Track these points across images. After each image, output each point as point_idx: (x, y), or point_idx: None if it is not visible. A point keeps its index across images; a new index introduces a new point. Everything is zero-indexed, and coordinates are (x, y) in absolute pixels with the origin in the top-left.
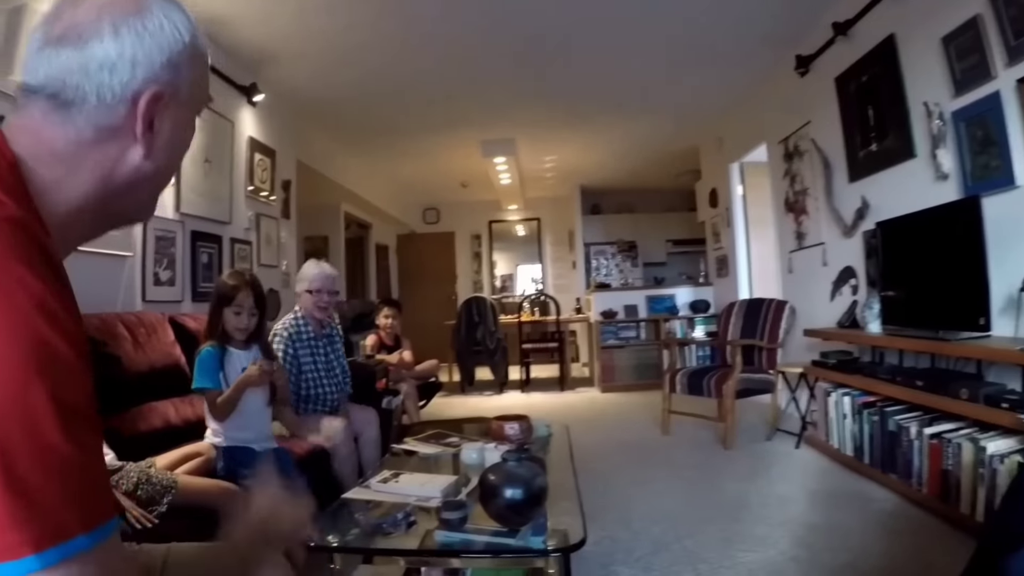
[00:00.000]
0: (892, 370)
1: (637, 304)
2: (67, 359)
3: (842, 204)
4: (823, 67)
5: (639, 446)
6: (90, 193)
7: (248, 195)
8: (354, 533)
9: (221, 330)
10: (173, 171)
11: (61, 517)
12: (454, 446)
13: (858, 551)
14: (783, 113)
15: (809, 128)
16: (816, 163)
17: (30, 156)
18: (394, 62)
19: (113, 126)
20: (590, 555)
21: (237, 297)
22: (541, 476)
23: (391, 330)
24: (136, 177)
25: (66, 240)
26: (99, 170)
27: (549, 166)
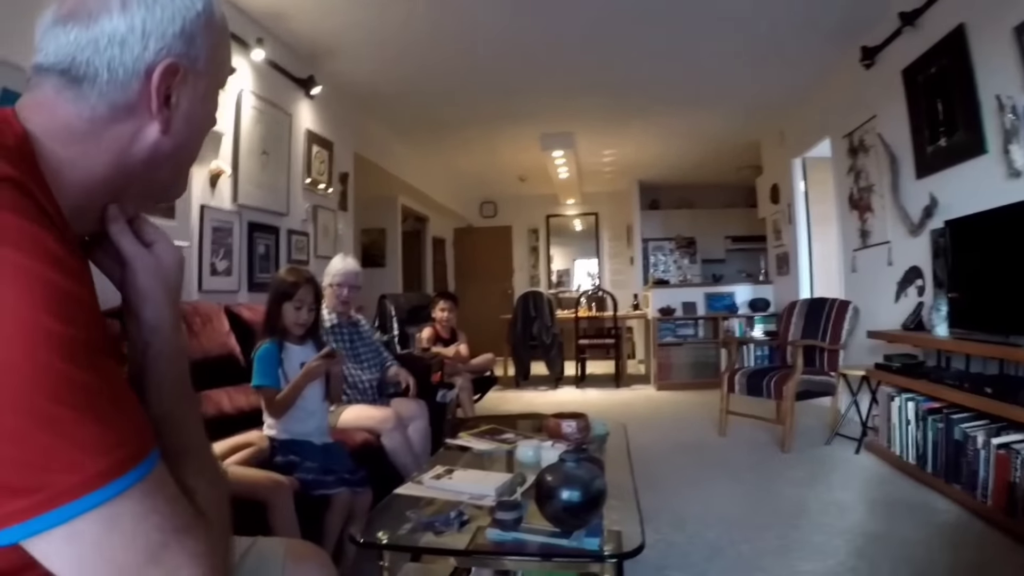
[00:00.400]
0: (959, 376)
1: (695, 301)
2: (79, 298)
3: (909, 201)
4: (889, 59)
5: (695, 446)
6: (107, 172)
7: (305, 187)
8: (405, 530)
9: (280, 327)
10: (197, 147)
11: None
12: (509, 443)
13: (919, 564)
14: (848, 107)
15: (875, 122)
16: (882, 159)
17: (44, 133)
18: (452, 54)
19: (128, 103)
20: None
21: (298, 293)
22: (600, 478)
23: (447, 323)
24: (155, 154)
25: (84, 220)
26: (115, 149)
27: (607, 160)
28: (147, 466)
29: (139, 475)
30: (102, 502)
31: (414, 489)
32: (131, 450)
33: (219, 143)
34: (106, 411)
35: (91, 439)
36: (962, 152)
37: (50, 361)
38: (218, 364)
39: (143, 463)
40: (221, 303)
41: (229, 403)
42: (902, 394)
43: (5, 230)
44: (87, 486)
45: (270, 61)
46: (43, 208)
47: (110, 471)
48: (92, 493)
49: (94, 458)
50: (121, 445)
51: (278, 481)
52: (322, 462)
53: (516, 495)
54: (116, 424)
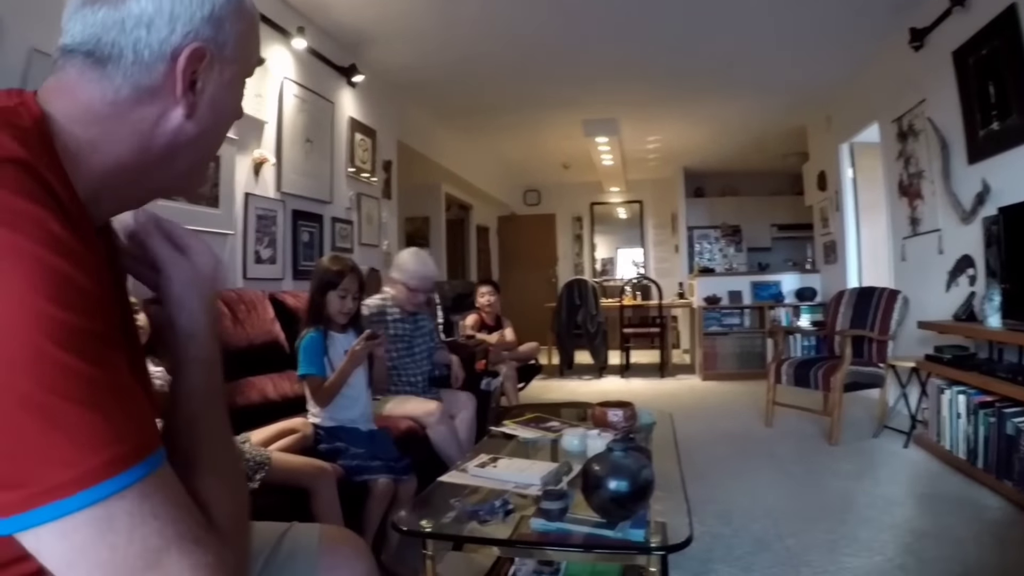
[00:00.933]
0: (1012, 368)
1: (741, 290)
2: (87, 288)
3: (960, 188)
4: (939, 40)
5: (741, 437)
6: (128, 156)
7: (349, 175)
8: (448, 518)
9: (325, 315)
10: (220, 136)
11: (106, 452)
12: (554, 431)
13: (969, 563)
14: (896, 90)
15: (925, 106)
16: (932, 143)
17: (64, 116)
18: (494, 40)
19: (152, 86)
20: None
21: (343, 282)
22: (648, 468)
23: (491, 309)
24: (177, 140)
25: (100, 204)
26: (137, 132)
27: (652, 147)
28: (148, 466)
29: (138, 475)
30: (95, 501)
31: (458, 477)
32: (130, 447)
33: (262, 132)
34: (105, 405)
35: (86, 433)
36: (1016, 136)
37: (45, 347)
38: (262, 351)
39: (143, 462)
40: (265, 291)
41: (273, 390)
42: (952, 387)
43: (5, 211)
44: (79, 483)
45: (311, 50)
46: (52, 191)
47: (105, 468)
48: (85, 491)
49: (89, 453)
50: (119, 441)
51: (321, 468)
52: (367, 448)
53: (562, 484)
54: (115, 419)
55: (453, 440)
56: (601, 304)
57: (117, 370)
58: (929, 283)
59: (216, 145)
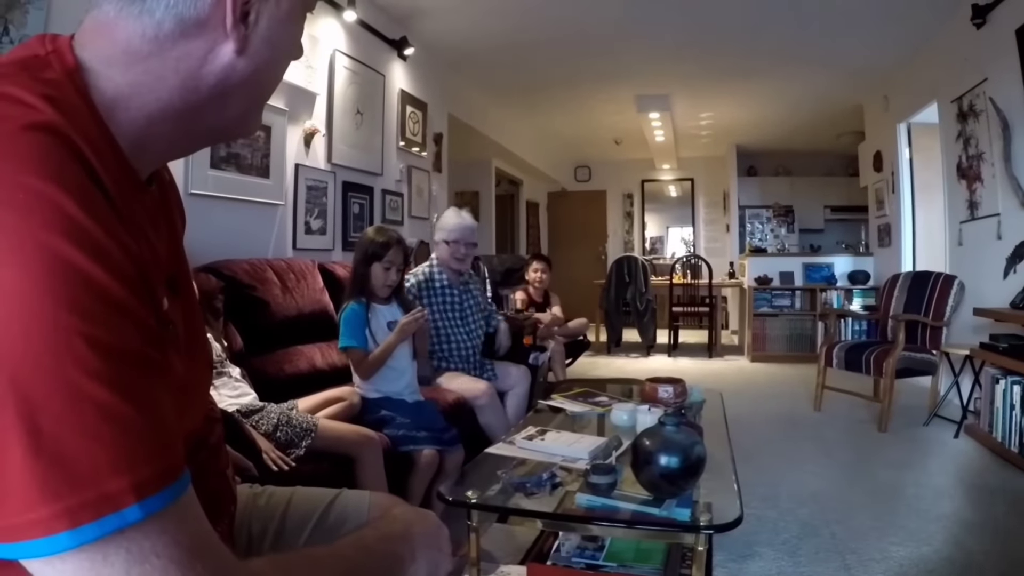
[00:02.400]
0: None
1: (793, 271)
2: (108, 291)
3: (1022, 171)
4: (1002, 18)
5: (789, 420)
6: (174, 98)
7: (399, 148)
8: (493, 490)
9: (368, 287)
10: (278, 76)
11: (104, 485)
12: (603, 406)
13: (1017, 558)
14: (957, 69)
15: (986, 86)
16: (994, 124)
17: (101, 60)
18: (546, 13)
19: (199, 17)
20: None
21: (388, 254)
22: (700, 444)
23: (540, 285)
24: (229, 79)
25: (148, 152)
26: (183, 72)
27: (705, 123)
28: (158, 501)
29: (141, 513)
30: (83, 543)
31: (506, 449)
32: (132, 481)
33: (313, 103)
34: (108, 433)
35: (82, 464)
36: None
37: (46, 361)
38: (312, 320)
39: (152, 497)
40: (315, 261)
41: (322, 359)
42: (1007, 377)
43: (19, 191)
44: (67, 519)
45: (362, 22)
46: (83, 158)
47: (99, 504)
48: (73, 530)
49: (82, 487)
50: (119, 473)
51: (368, 436)
52: (412, 419)
53: (611, 459)
54: (120, 448)
55: (502, 422)
56: (650, 282)
57: (139, 397)
58: (986, 269)
59: (273, 85)
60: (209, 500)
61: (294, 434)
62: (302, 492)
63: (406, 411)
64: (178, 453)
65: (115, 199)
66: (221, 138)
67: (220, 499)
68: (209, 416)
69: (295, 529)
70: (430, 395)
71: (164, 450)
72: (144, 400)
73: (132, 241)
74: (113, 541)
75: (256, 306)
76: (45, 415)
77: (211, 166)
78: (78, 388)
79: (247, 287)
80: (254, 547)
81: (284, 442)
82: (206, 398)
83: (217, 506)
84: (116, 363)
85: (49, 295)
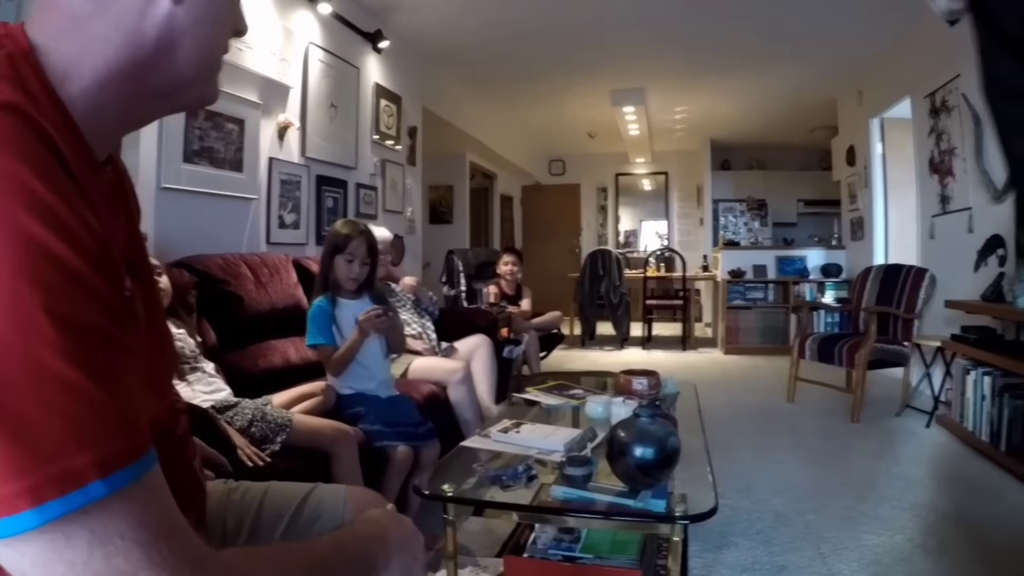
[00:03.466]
0: None
1: (766, 264)
2: (72, 267)
3: (993, 166)
4: None
5: (763, 412)
6: (121, 56)
7: (374, 141)
8: (469, 483)
9: (332, 280)
10: (220, 34)
11: (68, 461)
12: (578, 398)
13: (990, 545)
14: (930, 65)
15: (959, 81)
16: (966, 120)
17: (51, 35)
18: (521, 6)
19: None
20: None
21: (350, 245)
22: (674, 435)
23: (512, 278)
24: (170, 29)
25: (104, 127)
26: (124, 27)
27: (679, 118)
28: (121, 479)
29: (105, 490)
30: (45, 522)
31: (481, 442)
32: (96, 457)
33: (287, 96)
34: (73, 409)
35: (44, 441)
36: None
37: (9, 339)
38: (285, 315)
39: (115, 474)
40: (289, 255)
41: (296, 354)
42: (978, 368)
43: None
44: (29, 498)
45: (336, 15)
46: (45, 135)
47: (62, 481)
48: (35, 509)
49: (43, 463)
50: (82, 449)
51: (343, 431)
52: (386, 415)
53: (586, 451)
54: (83, 425)
55: (472, 403)
56: (624, 275)
57: (104, 374)
58: (957, 262)
59: (217, 45)
60: (177, 491)
61: (269, 429)
62: (277, 487)
63: (380, 407)
64: (143, 431)
65: (77, 177)
66: (177, 104)
67: (189, 491)
68: (174, 407)
69: (270, 524)
70: (404, 389)
71: (128, 427)
72: (108, 377)
73: (95, 220)
74: (76, 520)
75: (230, 301)
76: (7, 390)
77: (184, 160)
78: (41, 364)
79: (221, 282)
80: (228, 542)
81: (259, 437)
82: (170, 387)
83: (186, 498)
84: (80, 339)
85: (14, 270)
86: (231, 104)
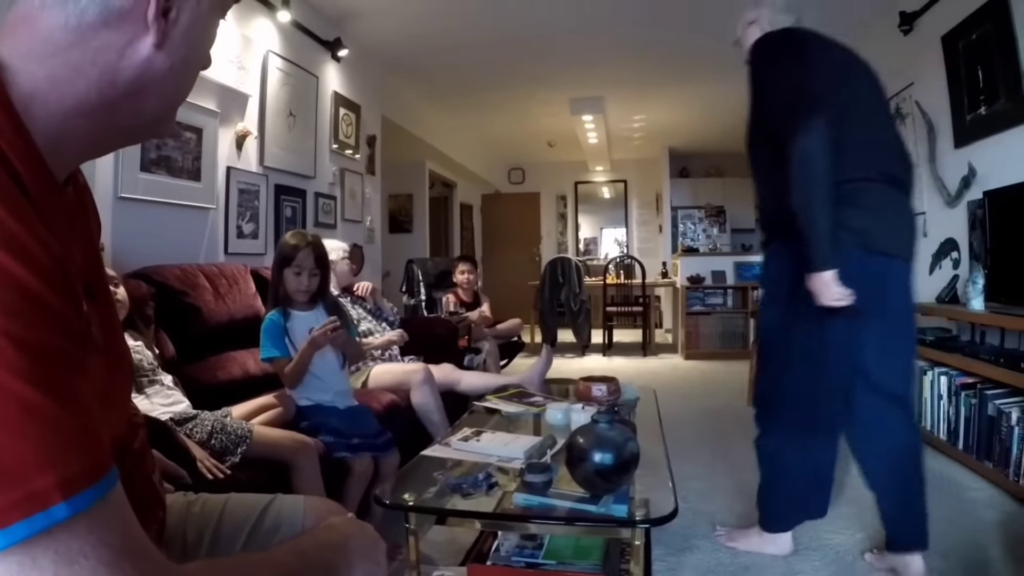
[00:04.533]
0: (994, 351)
1: (725, 270)
2: (30, 289)
3: (946, 171)
4: (928, 25)
5: (723, 416)
6: (91, 92)
7: (333, 150)
8: (431, 492)
9: (283, 293)
10: (191, 78)
11: (31, 483)
12: (537, 406)
13: (950, 543)
14: (884, 73)
15: (912, 90)
16: (919, 127)
17: (20, 55)
18: (480, 15)
19: (122, 7)
20: (670, 527)
21: (297, 257)
22: (633, 441)
23: (468, 285)
24: (146, 73)
25: (64, 151)
26: (101, 63)
27: (637, 126)
28: (85, 499)
29: (69, 511)
30: (10, 544)
31: (441, 451)
32: (58, 479)
33: (245, 105)
34: (34, 430)
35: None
36: (1003, 121)
37: None
38: (244, 326)
39: (78, 495)
40: (247, 265)
41: (255, 365)
42: (934, 368)
43: None
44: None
45: (296, 23)
46: (6, 162)
47: (26, 503)
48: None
49: (9, 487)
50: (43, 471)
51: (303, 442)
52: (345, 426)
53: (546, 458)
54: (45, 446)
55: (437, 404)
56: (584, 283)
57: (65, 395)
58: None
59: (187, 88)
60: (137, 505)
61: (229, 441)
62: (236, 498)
63: (339, 417)
64: (104, 450)
65: (35, 199)
66: (136, 138)
67: (148, 504)
68: (131, 420)
69: (230, 535)
70: (364, 399)
71: (90, 447)
72: (68, 397)
73: (53, 241)
74: (41, 542)
75: (188, 312)
76: None
77: (141, 169)
78: (1, 385)
79: (178, 293)
80: (189, 554)
81: (219, 449)
82: (127, 403)
83: (146, 511)
84: (39, 360)
85: None
86: (189, 113)
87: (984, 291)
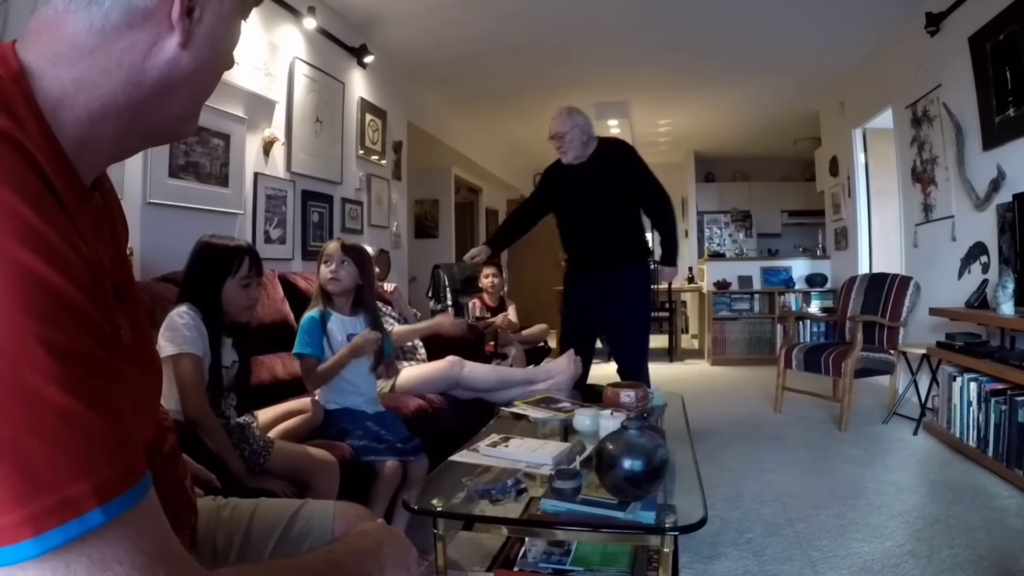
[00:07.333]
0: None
1: (751, 275)
2: (65, 295)
3: (975, 174)
4: (955, 25)
5: (750, 422)
6: (118, 93)
7: (359, 156)
8: (459, 498)
9: (324, 293)
10: (215, 78)
11: (66, 489)
12: (566, 411)
13: (980, 550)
14: (911, 76)
15: (940, 92)
16: (947, 130)
17: (47, 59)
18: (505, 21)
19: (146, 8)
20: (698, 535)
21: (327, 249)
22: (663, 447)
23: (494, 290)
24: (172, 73)
25: (91, 155)
26: (127, 64)
27: (663, 131)
28: (120, 504)
29: (103, 517)
30: (45, 551)
31: (470, 457)
32: (95, 484)
33: (272, 111)
34: (67, 438)
35: (42, 471)
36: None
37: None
38: (272, 331)
39: (113, 501)
40: (275, 271)
41: (283, 369)
42: (964, 374)
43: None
44: (28, 527)
45: (322, 30)
46: (33, 161)
47: (60, 510)
48: (34, 539)
49: (42, 494)
50: (79, 478)
51: (324, 462)
52: (374, 430)
53: (575, 464)
54: (79, 453)
55: (479, 376)
56: None
57: (99, 401)
58: (941, 270)
59: (210, 88)
60: (168, 510)
61: (250, 451)
62: (266, 503)
63: (367, 422)
64: (138, 456)
65: (65, 204)
66: (160, 139)
67: (180, 509)
68: (161, 425)
69: (260, 540)
70: (392, 404)
71: (123, 452)
72: (101, 403)
73: (84, 246)
74: (75, 548)
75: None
76: (4, 420)
77: (169, 175)
78: (36, 392)
79: None
80: (219, 559)
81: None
82: (157, 408)
83: (177, 516)
84: (73, 367)
85: (6, 300)
86: (217, 119)
87: (1014, 295)
